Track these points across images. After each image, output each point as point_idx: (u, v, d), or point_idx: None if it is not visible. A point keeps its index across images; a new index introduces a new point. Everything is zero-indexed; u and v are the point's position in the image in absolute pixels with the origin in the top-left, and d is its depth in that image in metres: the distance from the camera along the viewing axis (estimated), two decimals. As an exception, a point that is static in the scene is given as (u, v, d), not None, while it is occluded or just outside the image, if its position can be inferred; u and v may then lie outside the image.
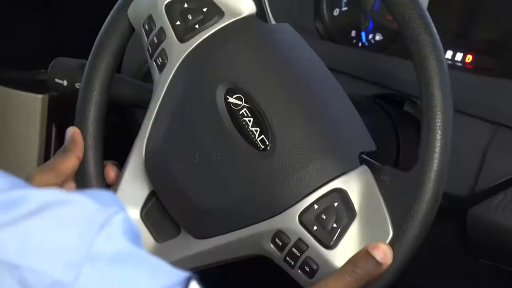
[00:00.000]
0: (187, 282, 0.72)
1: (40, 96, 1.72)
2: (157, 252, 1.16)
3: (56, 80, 1.34)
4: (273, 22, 1.18)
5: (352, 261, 1.06)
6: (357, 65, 1.35)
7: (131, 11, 1.21)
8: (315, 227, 1.08)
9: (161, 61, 1.18)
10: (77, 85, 1.28)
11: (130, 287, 0.70)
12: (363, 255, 1.05)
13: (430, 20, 1.10)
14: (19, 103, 1.72)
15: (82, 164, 1.24)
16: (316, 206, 1.08)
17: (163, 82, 1.17)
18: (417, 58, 1.09)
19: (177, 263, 1.11)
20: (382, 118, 1.29)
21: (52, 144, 1.76)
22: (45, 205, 0.69)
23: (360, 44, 1.46)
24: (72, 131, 1.24)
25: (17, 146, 1.73)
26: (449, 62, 1.35)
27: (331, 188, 1.09)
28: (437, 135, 1.06)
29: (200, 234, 1.14)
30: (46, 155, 1.73)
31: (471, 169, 1.26)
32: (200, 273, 0.77)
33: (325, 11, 1.46)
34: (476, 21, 1.40)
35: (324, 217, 1.08)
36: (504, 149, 1.26)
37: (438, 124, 1.06)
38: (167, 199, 1.17)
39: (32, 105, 1.71)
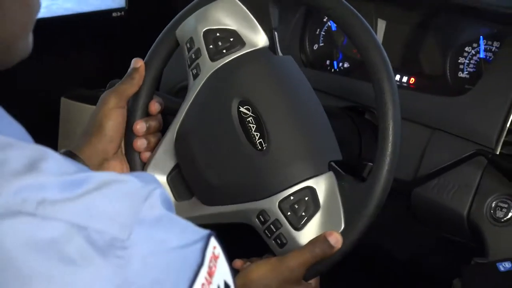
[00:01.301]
0: (208, 237, 0.73)
1: (100, 109, 1.71)
2: (175, 208, 1.15)
3: None
4: (280, 54, 1.17)
5: (312, 242, 1.07)
6: (331, 85, 1.35)
7: (178, 32, 1.19)
8: (289, 213, 1.08)
9: (195, 72, 1.16)
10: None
11: (166, 242, 0.70)
12: (321, 239, 1.07)
13: (384, 53, 1.10)
14: (85, 113, 1.71)
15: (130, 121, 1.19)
16: (292, 197, 1.08)
17: (195, 87, 1.16)
18: (375, 80, 1.09)
19: (188, 220, 1.12)
20: (348, 123, 1.28)
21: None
22: (104, 183, 0.69)
23: (333, 70, 1.46)
24: (139, 63, 1.20)
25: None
26: (398, 83, 1.36)
27: (304, 185, 1.09)
28: (388, 149, 1.06)
29: (207, 202, 1.14)
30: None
31: (415, 160, 1.28)
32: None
33: (307, 46, 1.46)
34: (418, 54, 1.41)
35: (297, 206, 1.08)
36: (438, 146, 1.27)
37: (390, 134, 1.07)
38: (186, 171, 1.16)
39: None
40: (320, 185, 1.09)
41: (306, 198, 1.08)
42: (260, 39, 1.16)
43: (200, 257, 0.71)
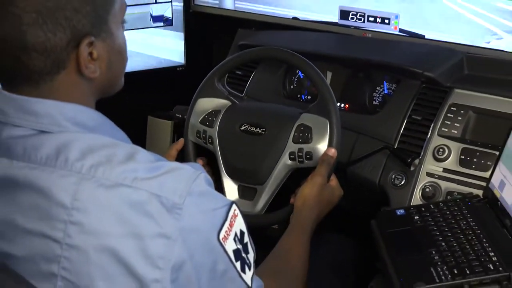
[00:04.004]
0: (231, 204, 0.72)
1: (170, 122, 1.69)
2: (249, 206, 1.12)
3: (176, 114, 1.32)
4: (238, 102, 1.19)
5: (322, 158, 1.08)
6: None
7: (190, 136, 1.20)
8: (300, 140, 1.10)
9: (210, 141, 1.16)
10: (185, 117, 1.25)
11: (205, 205, 0.69)
12: (324, 154, 1.08)
13: (331, 90, 1.11)
14: (160, 126, 1.69)
15: (186, 158, 1.20)
16: (295, 133, 1.10)
17: (216, 147, 1.15)
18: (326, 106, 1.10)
19: (261, 203, 1.11)
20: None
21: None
22: (171, 169, 0.69)
23: (301, 100, 1.44)
24: (179, 140, 1.19)
25: (159, 146, 1.69)
26: (339, 107, 1.34)
27: (296, 125, 1.11)
28: (334, 130, 1.09)
29: (261, 181, 1.12)
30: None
31: (348, 151, 1.25)
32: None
33: (287, 86, 1.44)
34: (350, 91, 1.38)
35: (301, 134, 1.10)
36: (362, 143, 1.25)
37: (335, 129, 1.08)
38: (241, 179, 1.14)
39: (166, 126, 1.69)
40: (304, 119, 1.11)
41: (302, 128, 1.10)
42: (226, 102, 1.18)
43: (225, 215, 0.70)
